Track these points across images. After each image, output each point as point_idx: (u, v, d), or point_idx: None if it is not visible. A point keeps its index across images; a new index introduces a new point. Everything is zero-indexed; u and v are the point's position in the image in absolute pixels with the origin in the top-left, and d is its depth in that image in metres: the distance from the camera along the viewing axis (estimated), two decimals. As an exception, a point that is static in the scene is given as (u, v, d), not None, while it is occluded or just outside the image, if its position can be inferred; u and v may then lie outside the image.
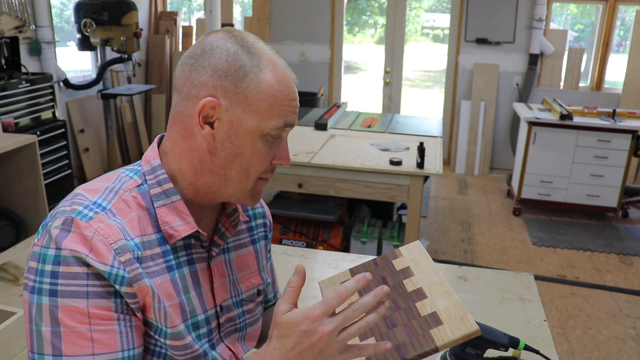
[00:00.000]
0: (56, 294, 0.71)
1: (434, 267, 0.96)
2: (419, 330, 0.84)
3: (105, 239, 0.72)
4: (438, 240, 3.96)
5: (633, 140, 4.06)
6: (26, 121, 3.70)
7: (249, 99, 0.78)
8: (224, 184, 0.83)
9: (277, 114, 0.79)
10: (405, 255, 1.02)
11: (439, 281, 0.92)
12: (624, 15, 5.62)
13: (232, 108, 0.78)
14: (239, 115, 0.78)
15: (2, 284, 1.50)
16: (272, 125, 0.79)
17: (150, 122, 5.68)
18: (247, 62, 0.78)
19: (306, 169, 2.92)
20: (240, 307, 0.94)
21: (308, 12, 5.80)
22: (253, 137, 0.79)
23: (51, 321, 0.71)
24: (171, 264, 0.81)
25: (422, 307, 0.88)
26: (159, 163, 0.84)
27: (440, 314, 0.85)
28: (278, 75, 0.80)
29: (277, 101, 0.79)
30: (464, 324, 0.83)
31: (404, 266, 0.99)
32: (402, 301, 0.91)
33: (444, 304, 0.87)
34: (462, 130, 5.56)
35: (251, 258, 0.98)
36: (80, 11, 4.36)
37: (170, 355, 0.81)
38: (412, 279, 0.95)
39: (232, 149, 0.80)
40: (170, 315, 0.79)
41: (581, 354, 2.67)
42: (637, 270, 3.57)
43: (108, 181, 0.81)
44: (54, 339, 0.71)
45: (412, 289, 0.92)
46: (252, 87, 0.78)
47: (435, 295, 0.89)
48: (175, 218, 0.81)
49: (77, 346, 0.71)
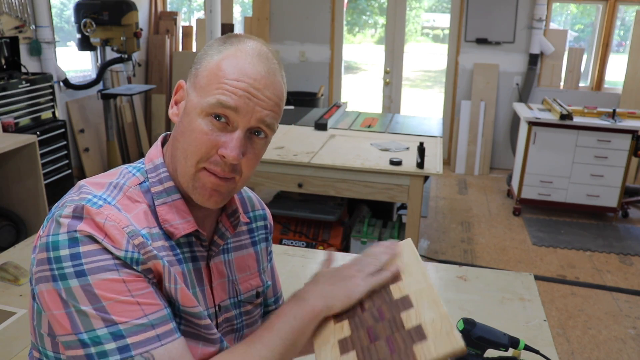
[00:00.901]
0: (84, 274, 0.70)
1: (424, 270, 0.91)
2: (402, 346, 0.79)
3: (118, 224, 0.73)
4: (438, 240, 3.96)
5: (633, 140, 4.06)
6: (26, 121, 3.70)
7: (198, 78, 0.80)
8: (177, 168, 0.82)
9: (213, 91, 0.77)
10: None
11: (427, 288, 0.86)
12: (624, 15, 5.62)
13: (189, 89, 0.82)
14: (190, 94, 0.81)
15: (2, 284, 1.50)
16: (207, 102, 0.77)
17: (150, 122, 5.68)
18: (214, 49, 0.81)
19: (306, 169, 2.92)
20: (238, 308, 0.94)
21: (308, 12, 5.80)
22: (194, 114, 0.79)
23: (89, 299, 0.70)
24: (179, 257, 0.82)
25: (407, 318, 0.82)
26: (162, 161, 0.84)
27: (425, 327, 0.80)
28: (235, 57, 0.79)
29: (216, 78, 0.78)
30: (449, 340, 0.77)
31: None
32: (387, 310, 0.85)
33: (430, 315, 0.81)
34: (462, 130, 5.56)
35: (251, 260, 0.98)
36: (80, 11, 4.36)
37: (185, 330, 0.80)
38: (400, 284, 0.89)
39: (181, 128, 0.81)
40: (183, 294, 0.79)
41: (581, 354, 2.67)
42: (637, 270, 3.57)
43: (111, 177, 0.82)
44: (101, 313, 0.70)
45: (398, 296, 0.87)
46: (203, 66, 0.80)
47: (422, 305, 0.84)
48: (175, 216, 0.81)
49: (128, 312, 0.71)
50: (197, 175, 0.79)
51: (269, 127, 0.81)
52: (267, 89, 0.79)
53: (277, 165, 2.93)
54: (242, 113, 0.77)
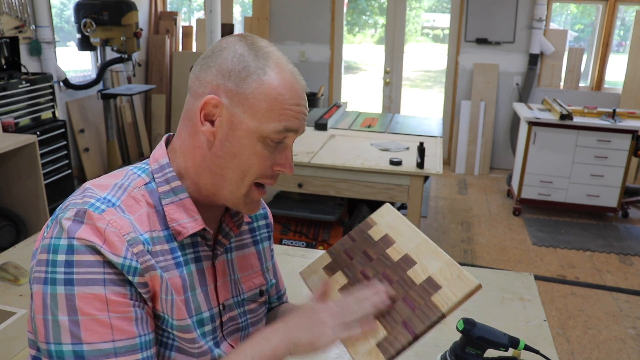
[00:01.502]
0: (72, 283, 0.70)
1: (413, 227, 0.91)
2: (420, 301, 0.79)
3: (118, 231, 0.73)
4: (438, 240, 3.96)
5: (633, 140, 4.06)
6: (26, 121, 3.70)
7: (249, 100, 0.78)
8: (221, 185, 0.83)
9: (277, 117, 0.78)
10: (379, 222, 0.97)
11: (423, 242, 0.87)
12: (624, 15, 5.62)
13: (233, 107, 0.78)
14: (239, 115, 0.78)
15: (2, 284, 1.50)
16: (271, 129, 0.78)
17: (150, 122, 5.68)
18: (252, 63, 0.78)
19: (306, 169, 2.92)
20: (241, 307, 0.94)
21: (308, 12, 5.80)
22: (252, 139, 0.79)
23: (68, 310, 0.70)
24: (179, 260, 0.82)
25: (415, 275, 0.83)
26: (167, 161, 0.84)
27: (435, 277, 0.81)
28: (283, 78, 0.79)
29: (278, 104, 0.78)
30: (463, 282, 0.78)
31: (382, 234, 0.94)
32: (392, 273, 0.85)
33: (435, 265, 0.82)
34: (462, 130, 5.56)
35: (254, 258, 0.98)
36: (80, 11, 4.36)
37: (178, 346, 0.81)
38: (395, 246, 0.90)
39: (230, 149, 0.80)
40: (178, 308, 0.79)
41: (581, 354, 2.67)
42: (637, 270, 3.57)
43: (116, 178, 0.82)
44: (73, 327, 0.70)
45: (398, 257, 0.87)
46: (253, 87, 0.78)
47: (425, 259, 0.84)
48: (183, 215, 0.82)
49: (97, 333, 0.71)
50: (250, 192, 0.84)
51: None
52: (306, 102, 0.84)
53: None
54: (300, 132, 0.83)
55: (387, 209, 0.99)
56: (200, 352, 0.84)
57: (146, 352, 0.74)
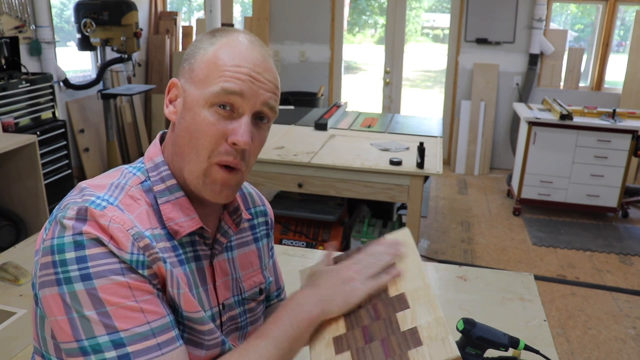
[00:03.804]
0: (90, 277, 0.69)
1: (421, 266, 0.88)
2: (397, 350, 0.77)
3: (122, 226, 0.72)
4: (438, 240, 3.96)
5: (633, 140, 4.06)
6: (26, 121, 3.70)
7: (194, 71, 0.80)
8: (183, 167, 0.81)
9: (215, 79, 0.78)
10: None
11: (424, 288, 0.84)
12: (624, 15, 5.62)
13: (185, 84, 0.81)
14: (187, 89, 0.80)
15: (2, 284, 1.50)
16: (210, 92, 0.77)
17: (150, 122, 5.68)
18: (205, 42, 0.81)
19: (306, 169, 2.92)
20: (241, 305, 0.93)
21: (308, 12, 5.80)
22: (198, 108, 0.79)
23: (94, 304, 0.69)
24: (181, 258, 0.81)
25: (403, 319, 0.80)
26: (162, 159, 0.84)
27: (420, 331, 0.78)
28: (230, 47, 0.79)
29: (217, 68, 0.78)
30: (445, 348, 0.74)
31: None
32: (382, 308, 0.83)
33: (426, 318, 0.79)
34: (462, 130, 5.56)
35: (254, 256, 0.98)
36: (80, 11, 4.36)
37: (188, 338, 0.80)
38: (396, 280, 0.87)
39: (184, 125, 0.80)
40: (186, 300, 0.78)
41: (581, 354, 2.67)
42: (637, 270, 3.57)
43: (112, 178, 0.81)
44: (104, 318, 0.69)
45: (394, 293, 0.85)
46: (198, 59, 0.80)
47: (418, 306, 0.81)
48: (179, 214, 0.81)
49: (131, 319, 0.70)
50: (209, 171, 0.79)
51: (272, 109, 0.82)
52: (266, 73, 0.80)
53: (277, 165, 2.93)
54: (247, 97, 0.78)
55: (405, 234, 0.96)
56: (214, 344, 0.83)
57: (176, 330, 0.75)
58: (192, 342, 0.80)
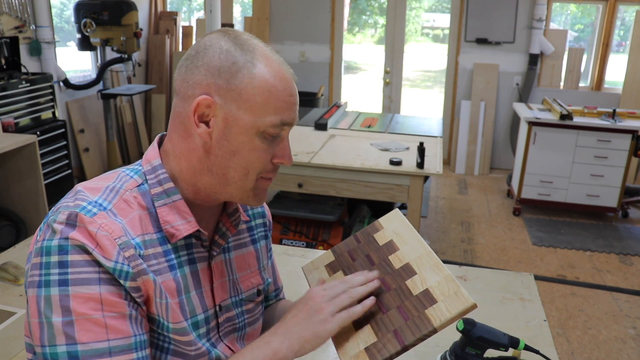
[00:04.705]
0: (67, 283, 0.70)
1: (418, 237, 0.91)
2: (414, 312, 0.80)
3: (110, 234, 0.72)
4: (438, 240, 3.96)
5: (633, 140, 4.06)
6: (26, 121, 3.70)
7: (242, 95, 0.77)
8: (224, 184, 0.82)
9: (272, 110, 0.78)
10: (386, 227, 0.98)
11: (426, 254, 0.88)
12: (624, 15, 5.62)
13: (226, 105, 0.77)
14: (234, 112, 0.77)
15: (2, 284, 1.50)
16: (268, 122, 0.78)
17: (150, 122, 5.68)
18: (240, 58, 0.77)
19: (306, 169, 2.92)
20: (239, 307, 0.93)
21: (308, 12, 5.80)
22: (249, 135, 0.78)
23: (62, 311, 0.70)
24: (173, 263, 0.81)
25: (413, 285, 0.84)
26: (160, 163, 0.83)
27: (433, 290, 0.82)
28: (273, 70, 0.78)
29: (273, 97, 0.77)
30: (459, 299, 0.79)
31: (387, 240, 0.95)
32: (391, 280, 0.87)
33: (435, 279, 0.83)
34: (462, 130, 5.56)
35: (251, 258, 0.98)
36: (80, 11, 4.36)
37: (174, 349, 0.81)
38: (398, 253, 0.91)
39: (229, 147, 0.79)
40: (173, 311, 0.79)
41: (581, 354, 2.67)
42: (637, 270, 3.57)
43: (108, 180, 0.81)
44: (67, 328, 0.69)
45: (399, 265, 0.88)
46: (245, 82, 0.77)
47: (425, 270, 0.85)
48: (176, 217, 0.81)
49: (92, 333, 0.70)
50: (257, 185, 0.83)
51: None
52: (297, 92, 0.84)
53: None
54: (294, 123, 0.83)
55: (396, 214, 0.99)
56: (198, 354, 0.83)
57: (141, 352, 0.74)
58: (177, 353, 0.81)
